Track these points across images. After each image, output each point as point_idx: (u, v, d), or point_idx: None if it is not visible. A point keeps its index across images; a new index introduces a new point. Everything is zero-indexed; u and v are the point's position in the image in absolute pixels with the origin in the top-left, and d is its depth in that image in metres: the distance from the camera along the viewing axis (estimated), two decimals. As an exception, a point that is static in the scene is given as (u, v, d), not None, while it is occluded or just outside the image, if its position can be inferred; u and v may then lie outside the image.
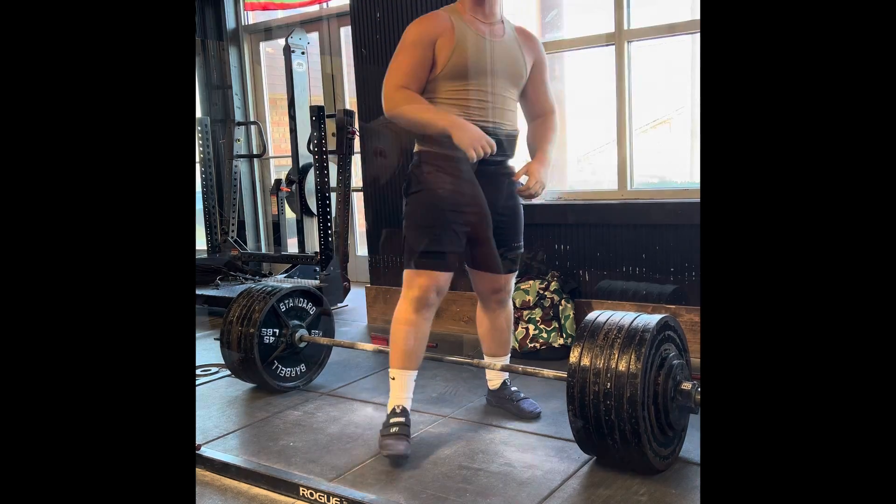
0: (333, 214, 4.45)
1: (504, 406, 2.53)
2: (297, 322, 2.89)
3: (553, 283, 3.24)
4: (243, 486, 2.07)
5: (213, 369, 3.24)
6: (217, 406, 2.75)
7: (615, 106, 3.31)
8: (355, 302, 4.52)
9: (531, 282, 3.26)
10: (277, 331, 2.84)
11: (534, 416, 2.45)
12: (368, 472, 2.10)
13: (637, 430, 1.85)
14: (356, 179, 4.58)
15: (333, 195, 4.44)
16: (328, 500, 1.91)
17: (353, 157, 4.45)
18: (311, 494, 1.95)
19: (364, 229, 4.44)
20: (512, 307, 2.49)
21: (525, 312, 3.22)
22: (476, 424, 2.44)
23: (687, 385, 1.99)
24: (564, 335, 3.18)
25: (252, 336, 2.74)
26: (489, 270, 2.35)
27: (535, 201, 3.46)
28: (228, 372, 3.16)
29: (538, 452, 2.19)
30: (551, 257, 3.41)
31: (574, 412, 1.94)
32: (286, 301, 2.88)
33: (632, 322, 1.96)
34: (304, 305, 2.96)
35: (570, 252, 3.36)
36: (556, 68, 3.87)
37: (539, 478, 2.02)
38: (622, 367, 1.88)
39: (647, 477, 1.98)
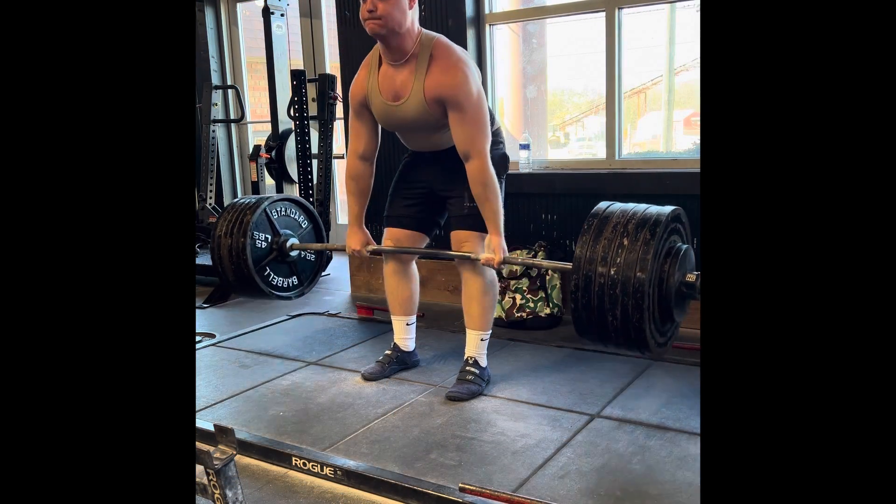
0: (315, 182, 4.38)
1: None
2: (288, 231, 2.87)
3: (540, 254, 3.23)
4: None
5: (198, 338, 3.20)
6: (203, 376, 2.71)
7: (604, 73, 3.27)
8: (337, 271, 4.48)
9: (518, 251, 3.25)
10: (269, 237, 2.81)
11: (449, 398, 2.37)
12: (361, 442, 2.09)
13: (641, 305, 1.84)
14: (338, 146, 4.51)
15: (315, 162, 4.37)
16: (321, 470, 1.90)
17: (334, 123, 4.37)
18: (304, 464, 1.93)
19: (345, 197, 4.38)
20: (484, 279, 2.43)
21: (512, 282, 3.22)
22: (466, 394, 2.43)
23: (692, 276, 1.98)
24: (551, 305, 3.19)
25: (243, 245, 2.70)
26: (451, 229, 2.49)
27: (522, 170, 3.45)
28: (212, 341, 3.12)
29: (530, 421, 2.19)
30: (538, 227, 3.40)
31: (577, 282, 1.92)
32: (277, 208, 2.85)
33: (645, 210, 1.97)
34: (296, 217, 2.93)
35: (557, 222, 3.35)
36: (539, 36, 3.83)
37: (532, 446, 2.02)
38: (633, 247, 1.86)
39: (640, 446, 1.99)
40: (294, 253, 2.86)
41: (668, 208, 1.96)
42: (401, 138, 2.52)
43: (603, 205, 2.02)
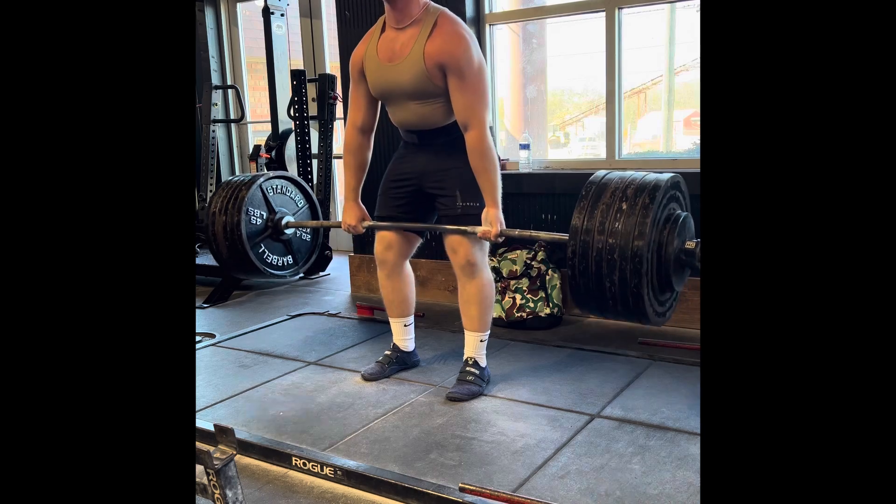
0: (315, 182, 4.38)
1: None
2: (284, 209, 2.86)
3: (540, 253, 3.24)
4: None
5: (198, 338, 3.19)
6: (203, 376, 2.71)
7: (604, 73, 3.28)
8: (337, 271, 4.48)
9: (518, 251, 3.25)
10: (264, 213, 2.79)
11: (449, 398, 2.37)
12: (361, 442, 2.09)
13: (639, 270, 1.81)
14: (338, 146, 4.51)
15: (315, 162, 4.37)
16: (321, 470, 1.90)
17: (334, 123, 4.38)
18: (304, 464, 1.93)
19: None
20: (481, 282, 2.41)
21: (512, 282, 3.22)
22: (466, 394, 2.43)
23: (691, 244, 1.97)
24: (551, 305, 3.19)
25: (238, 221, 2.67)
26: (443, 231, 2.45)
27: (522, 170, 3.45)
28: (212, 341, 3.12)
29: (530, 421, 2.19)
30: (538, 227, 3.40)
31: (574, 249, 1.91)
32: (273, 185, 2.84)
33: (643, 176, 1.95)
34: (292, 196, 2.92)
35: (558, 222, 3.35)
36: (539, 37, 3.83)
37: (532, 447, 2.02)
38: (631, 214, 1.84)
39: (640, 446, 1.99)
40: (289, 231, 2.83)
41: (666, 175, 1.94)
42: (389, 112, 2.43)
43: (600, 173, 2.01)
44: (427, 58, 2.21)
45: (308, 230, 3.03)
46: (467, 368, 2.46)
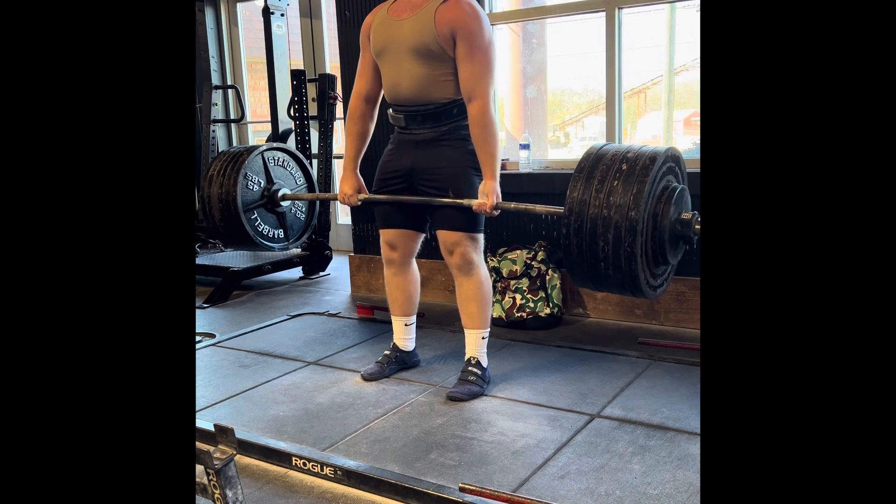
0: (315, 181, 4.37)
1: None
2: (281, 182, 2.86)
3: (540, 253, 3.23)
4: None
5: (198, 338, 3.19)
6: (203, 375, 2.71)
7: (604, 73, 3.27)
8: (337, 271, 4.48)
9: (518, 251, 3.25)
10: (262, 181, 2.78)
11: (449, 398, 2.37)
12: (361, 442, 2.09)
13: (634, 228, 1.81)
14: (338, 146, 4.51)
15: (315, 162, 4.37)
16: (321, 470, 1.90)
17: (334, 122, 4.37)
18: (304, 464, 1.93)
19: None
20: (479, 279, 2.41)
21: (512, 282, 3.22)
22: (466, 394, 2.43)
23: (687, 215, 1.97)
24: (551, 305, 3.19)
25: (234, 181, 2.66)
26: (438, 227, 2.43)
27: (522, 170, 3.44)
28: (212, 341, 3.12)
29: (530, 421, 2.19)
30: (538, 227, 3.40)
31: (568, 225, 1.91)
32: (275, 156, 2.83)
33: (640, 148, 1.96)
34: (291, 171, 2.91)
35: (557, 222, 3.35)
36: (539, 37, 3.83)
37: (533, 447, 2.02)
38: (627, 185, 1.84)
39: (640, 445, 1.99)
40: (285, 204, 2.82)
41: (663, 147, 1.94)
42: (384, 79, 2.40)
43: (597, 144, 2.01)
44: (438, 20, 2.23)
45: (303, 209, 3.02)
46: (469, 368, 2.46)
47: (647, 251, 1.89)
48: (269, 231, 2.83)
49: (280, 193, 2.80)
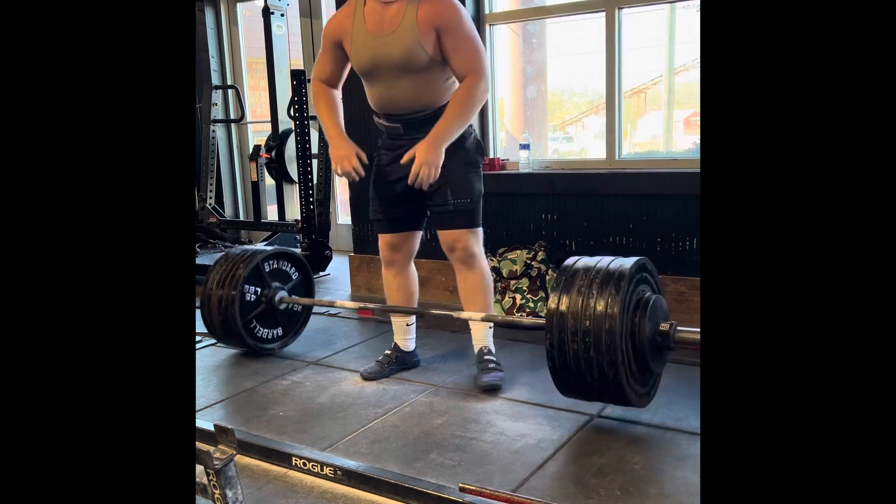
0: (315, 181, 4.38)
1: (476, 372, 2.53)
2: (278, 284, 2.89)
3: (540, 253, 3.24)
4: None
5: (198, 338, 3.19)
6: (202, 376, 2.71)
7: (604, 73, 3.27)
8: (337, 271, 4.48)
9: (518, 251, 3.25)
10: (259, 289, 2.83)
11: (486, 388, 2.41)
12: (361, 442, 2.09)
13: (615, 361, 1.87)
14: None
15: (315, 162, 4.37)
16: (321, 470, 1.90)
17: (334, 123, 4.36)
18: (304, 464, 1.93)
19: (345, 197, 4.38)
20: (481, 270, 2.47)
21: (512, 282, 3.22)
22: (467, 393, 2.43)
23: (665, 326, 2.01)
24: (551, 304, 3.18)
25: (233, 298, 2.73)
26: (438, 227, 2.47)
27: (522, 170, 3.44)
28: (212, 341, 3.12)
29: (530, 421, 2.19)
30: (538, 227, 3.40)
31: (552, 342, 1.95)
32: (270, 262, 2.87)
33: (609, 263, 1.99)
34: (287, 269, 2.95)
35: (557, 222, 3.35)
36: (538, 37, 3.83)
37: (532, 446, 2.02)
38: (600, 302, 1.89)
39: (640, 445, 1.99)
40: (282, 306, 2.89)
41: (631, 260, 1.99)
42: (373, 94, 2.40)
43: (570, 260, 2.05)
44: (421, 23, 2.22)
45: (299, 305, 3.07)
46: (486, 357, 2.50)
47: (631, 367, 1.97)
48: (267, 333, 2.91)
49: (278, 298, 2.87)
